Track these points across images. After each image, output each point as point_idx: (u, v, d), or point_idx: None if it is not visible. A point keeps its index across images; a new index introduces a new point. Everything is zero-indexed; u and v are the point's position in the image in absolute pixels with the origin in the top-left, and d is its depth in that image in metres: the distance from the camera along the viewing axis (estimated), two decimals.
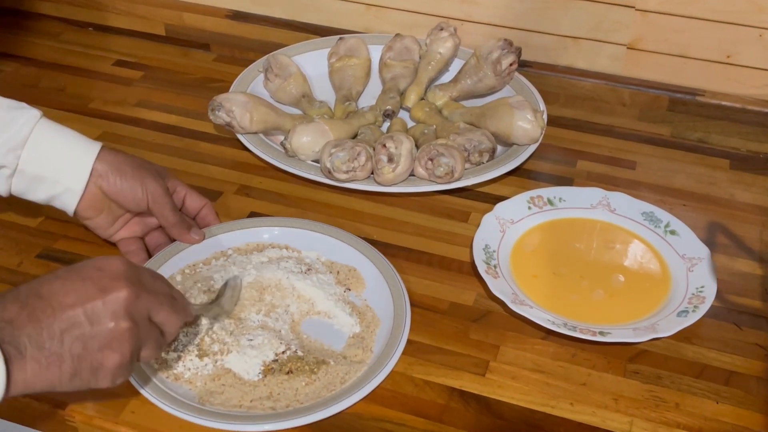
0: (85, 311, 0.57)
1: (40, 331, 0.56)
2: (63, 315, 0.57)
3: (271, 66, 1.06)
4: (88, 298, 0.58)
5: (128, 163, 0.79)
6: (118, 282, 0.59)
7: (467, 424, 0.69)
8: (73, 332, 0.57)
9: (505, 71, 1.03)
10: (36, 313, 0.56)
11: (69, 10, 1.26)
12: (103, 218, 0.80)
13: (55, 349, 0.57)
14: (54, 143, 0.76)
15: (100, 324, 0.58)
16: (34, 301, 0.57)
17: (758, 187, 0.97)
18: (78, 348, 0.57)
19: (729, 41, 1.01)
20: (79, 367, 0.58)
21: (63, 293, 0.58)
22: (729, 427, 0.69)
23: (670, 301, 0.80)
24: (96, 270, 0.59)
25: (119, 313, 0.58)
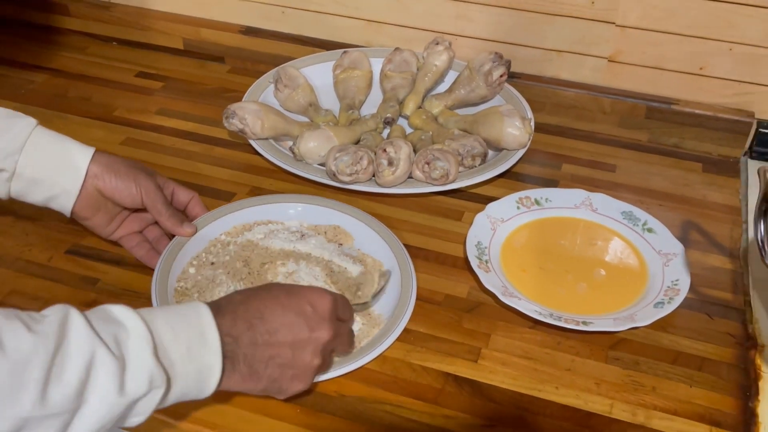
0: (292, 345, 0.62)
1: (254, 355, 0.60)
2: (275, 344, 0.61)
3: (281, 77, 1.06)
4: (299, 335, 0.62)
5: (120, 163, 0.79)
6: (324, 324, 0.63)
7: (461, 407, 0.69)
8: (277, 360, 0.61)
9: (495, 82, 1.03)
10: (256, 337, 0.60)
11: (95, 25, 1.26)
12: (100, 217, 0.80)
13: (259, 370, 0.61)
14: (50, 148, 0.76)
15: (300, 359, 0.62)
16: (258, 324, 0.61)
17: (729, 188, 0.97)
18: (276, 373, 0.62)
19: (702, 54, 1.00)
20: (271, 387, 0.62)
21: (280, 323, 0.61)
22: (702, 409, 0.69)
23: (648, 293, 0.80)
24: (309, 306, 0.63)
25: (317, 352, 0.63)
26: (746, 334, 0.76)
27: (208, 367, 0.57)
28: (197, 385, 0.57)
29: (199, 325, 0.57)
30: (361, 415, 0.68)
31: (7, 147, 0.73)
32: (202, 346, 0.57)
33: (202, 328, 0.57)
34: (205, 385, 0.58)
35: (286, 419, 0.67)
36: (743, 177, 0.99)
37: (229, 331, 0.59)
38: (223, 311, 0.60)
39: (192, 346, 0.56)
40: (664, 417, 0.68)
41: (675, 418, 0.68)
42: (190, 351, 0.56)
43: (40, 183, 0.75)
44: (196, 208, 0.86)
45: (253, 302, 0.62)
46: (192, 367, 0.56)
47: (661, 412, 0.69)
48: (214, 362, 0.57)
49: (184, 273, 0.80)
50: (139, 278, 0.81)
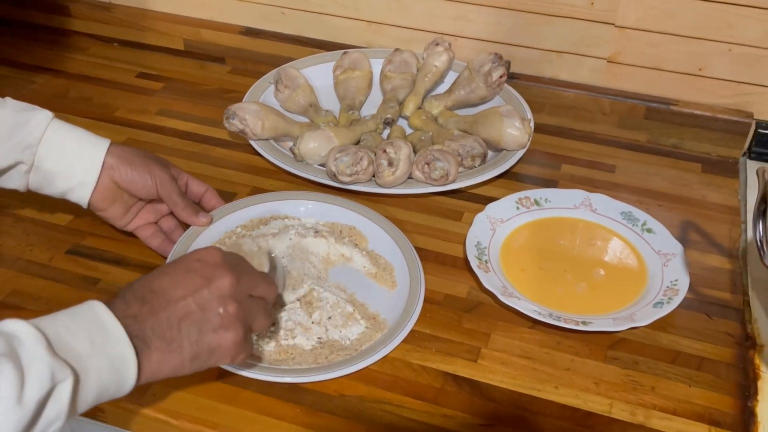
0: (195, 300, 0.59)
1: (160, 322, 0.58)
2: (177, 306, 0.59)
3: (281, 78, 1.06)
4: (197, 288, 0.60)
5: (135, 155, 0.80)
6: (220, 270, 0.61)
7: (460, 406, 0.69)
8: (188, 320, 0.59)
9: (495, 83, 1.03)
10: (154, 307, 0.58)
11: (96, 26, 1.26)
12: (116, 208, 0.81)
13: (175, 337, 0.58)
14: (67, 140, 0.77)
15: (210, 309, 0.60)
16: (150, 296, 0.59)
17: (728, 188, 0.97)
18: (195, 333, 0.59)
19: (701, 55, 1.01)
20: (198, 350, 0.59)
21: (173, 286, 0.59)
22: (701, 408, 0.69)
23: (647, 293, 0.80)
24: (197, 262, 0.61)
25: (225, 297, 0.60)
26: (745, 334, 0.76)
27: (120, 356, 0.55)
28: (115, 378, 0.55)
29: (96, 319, 0.55)
30: (360, 414, 0.68)
31: (25, 140, 0.74)
32: (105, 336, 0.55)
33: (100, 321, 0.55)
34: (125, 376, 0.55)
35: (286, 419, 0.67)
36: (742, 177, 0.99)
37: (125, 313, 0.57)
38: (114, 300, 0.58)
39: (95, 339, 0.54)
40: (663, 416, 0.68)
41: (674, 417, 0.68)
42: (94, 344, 0.54)
43: (57, 175, 0.76)
44: (212, 201, 0.87)
45: (139, 282, 0.60)
46: (103, 361, 0.54)
47: (661, 412, 0.69)
48: (125, 350, 0.55)
49: None
50: None
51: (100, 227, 0.87)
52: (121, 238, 0.86)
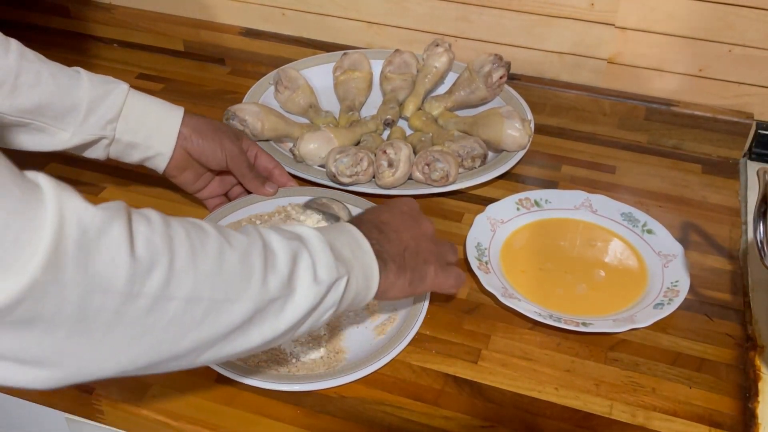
0: (412, 236, 0.69)
1: (392, 248, 0.67)
2: (401, 238, 0.68)
3: (281, 79, 1.06)
4: (410, 227, 0.70)
5: (208, 126, 0.82)
6: (423, 218, 0.73)
7: (461, 408, 0.69)
8: (408, 251, 0.68)
9: (495, 84, 1.03)
10: (388, 236, 0.67)
11: (96, 27, 1.26)
12: (187, 175, 0.84)
13: (400, 262, 0.67)
14: (144, 113, 0.79)
15: (420, 245, 0.70)
16: (383, 227, 0.68)
17: (728, 189, 0.97)
18: (412, 261, 0.68)
19: (701, 56, 1.01)
20: (414, 276, 0.68)
21: (396, 223, 0.69)
22: (701, 410, 0.69)
23: (647, 294, 0.80)
24: (406, 205, 0.73)
25: (428, 237, 0.71)
26: (745, 335, 0.76)
27: (370, 267, 0.63)
28: (365, 285, 0.63)
29: (352, 235, 0.64)
30: (360, 415, 0.68)
31: (106, 115, 0.77)
32: (359, 249, 0.63)
33: (355, 237, 0.64)
34: (370, 285, 0.63)
35: (285, 420, 0.67)
36: (742, 178, 0.99)
37: (369, 235, 0.65)
38: (358, 224, 0.66)
39: (354, 250, 0.62)
40: (663, 418, 0.68)
41: (674, 419, 0.68)
42: (354, 255, 0.62)
43: (136, 147, 0.79)
44: (281, 178, 0.89)
45: (370, 215, 0.69)
46: (359, 269, 0.62)
47: (661, 413, 0.69)
48: (373, 263, 0.63)
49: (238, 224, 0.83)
50: None
51: None
52: None
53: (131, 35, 1.24)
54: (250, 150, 0.87)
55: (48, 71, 0.75)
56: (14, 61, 0.73)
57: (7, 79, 0.72)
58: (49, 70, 0.75)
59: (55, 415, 0.73)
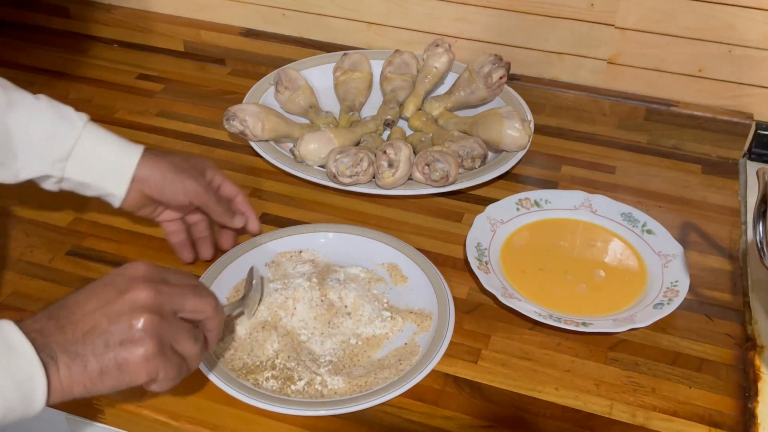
0: (104, 312, 0.56)
1: (66, 336, 0.55)
2: (84, 319, 0.56)
3: (281, 79, 1.06)
4: (108, 301, 0.57)
5: (168, 168, 0.77)
6: (136, 282, 0.57)
7: (461, 408, 0.69)
8: (94, 333, 0.55)
9: (495, 84, 1.03)
10: (61, 321, 0.56)
11: (96, 28, 1.26)
12: (146, 210, 0.80)
13: (80, 350, 0.55)
14: (97, 153, 0.75)
15: (119, 322, 0.56)
16: (60, 311, 0.56)
17: (728, 190, 0.97)
18: (100, 346, 0.55)
19: (701, 56, 1.01)
20: (104, 364, 0.55)
21: (85, 300, 0.57)
22: (701, 410, 0.69)
23: (647, 294, 0.80)
24: (117, 275, 0.58)
25: (137, 309, 0.56)
26: (745, 335, 0.76)
27: (27, 376, 0.52)
28: (21, 397, 0.53)
29: (3, 336, 0.53)
30: (361, 416, 0.68)
31: (55, 154, 0.74)
32: (11, 355, 0.52)
33: (6, 338, 0.53)
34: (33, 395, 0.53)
35: (285, 420, 0.67)
36: (742, 178, 0.99)
37: (31, 328, 0.54)
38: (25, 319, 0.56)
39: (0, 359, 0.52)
40: (663, 418, 0.68)
41: (674, 419, 0.68)
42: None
43: (87, 186, 0.76)
44: (240, 207, 0.84)
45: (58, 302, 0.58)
46: (7, 379, 0.52)
47: (661, 413, 0.69)
48: (32, 368, 0.53)
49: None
50: None
51: (100, 228, 0.88)
52: (121, 240, 0.86)
53: (131, 35, 1.24)
54: (215, 180, 0.82)
55: (4, 101, 0.72)
56: None
57: None
58: (6, 100, 0.73)
59: (55, 415, 0.73)
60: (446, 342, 0.73)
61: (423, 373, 0.70)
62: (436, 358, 0.71)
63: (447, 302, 0.77)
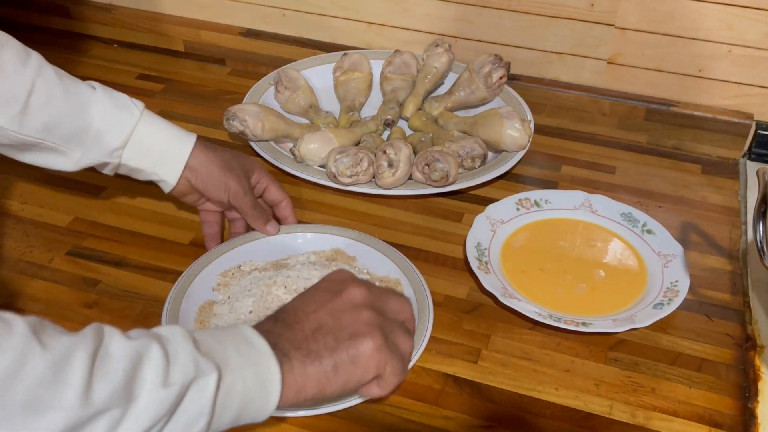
0: (327, 311, 0.58)
1: (295, 334, 0.56)
2: (309, 318, 0.57)
3: (281, 79, 1.06)
4: (327, 301, 0.59)
5: (216, 162, 0.80)
6: (349, 283, 0.60)
7: (461, 407, 0.69)
8: (322, 330, 0.57)
9: (495, 84, 1.03)
10: (287, 322, 0.57)
11: (96, 28, 1.26)
12: (190, 197, 0.83)
13: (312, 347, 0.56)
14: (153, 141, 0.78)
15: (343, 317, 0.58)
16: (283, 315, 0.58)
17: (728, 190, 0.97)
18: (331, 341, 0.56)
19: (701, 56, 1.01)
20: (338, 359, 0.56)
21: (304, 304, 0.59)
22: (701, 410, 0.69)
23: (647, 294, 0.80)
24: (326, 282, 0.61)
25: (357, 305, 0.59)
26: (745, 336, 0.76)
27: (263, 363, 0.53)
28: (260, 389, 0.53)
29: (239, 334, 0.55)
30: (360, 415, 0.68)
31: (114, 142, 0.76)
32: (251, 348, 0.54)
33: (243, 335, 0.54)
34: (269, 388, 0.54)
35: (285, 420, 0.67)
36: (742, 178, 0.99)
37: (260, 329, 0.56)
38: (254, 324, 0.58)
39: (241, 349, 0.53)
40: (663, 418, 0.68)
41: (674, 419, 0.68)
42: (240, 352, 0.53)
43: (141, 172, 0.79)
44: (284, 212, 0.86)
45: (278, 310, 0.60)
46: (248, 366, 0.53)
47: (661, 413, 0.69)
48: (269, 362, 0.53)
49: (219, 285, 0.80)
50: (141, 280, 0.81)
51: (100, 229, 0.88)
52: (122, 240, 0.86)
53: (131, 35, 1.25)
54: (261, 182, 0.84)
55: (61, 90, 0.73)
56: (29, 77, 0.72)
57: (20, 96, 0.71)
58: (63, 89, 0.74)
59: None
60: (426, 339, 0.72)
61: None
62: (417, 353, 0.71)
63: (421, 283, 0.77)
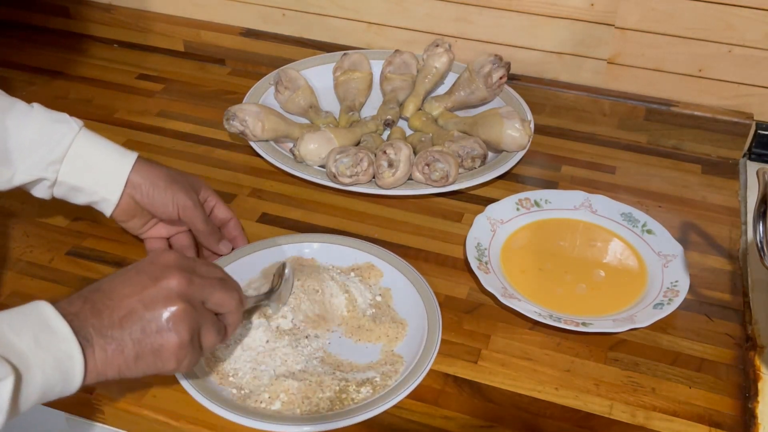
0: (140, 298, 0.58)
1: (102, 320, 0.57)
2: (121, 304, 0.57)
3: (281, 79, 1.06)
4: (143, 287, 0.58)
5: (161, 176, 0.78)
6: (170, 271, 0.59)
7: (461, 408, 0.69)
8: (131, 318, 0.57)
9: (495, 84, 1.03)
10: (97, 305, 0.57)
11: (95, 28, 1.26)
12: (135, 221, 0.80)
13: (117, 335, 0.57)
14: (91, 156, 0.76)
15: (155, 309, 0.58)
16: (95, 295, 0.58)
17: (728, 190, 0.97)
18: (137, 332, 0.57)
19: (701, 56, 1.01)
20: (141, 350, 0.57)
21: (120, 286, 0.59)
22: (701, 410, 0.69)
23: (647, 294, 0.80)
24: (149, 263, 0.60)
25: (172, 297, 0.58)
26: (745, 336, 0.76)
27: (66, 354, 0.54)
28: (61, 376, 0.54)
29: (40, 317, 0.55)
30: None
31: (49, 156, 0.74)
32: (50, 334, 0.54)
33: (44, 319, 0.54)
34: (71, 374, 0.55)
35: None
36: (742, 178, 0.99)
37: (66, 311, 0.56)
38: (59, 300, 0.57)
39: (39, 337, 0.53)
40: (663, 418, 0.68)
41: (674, 419, 0.68)
42: (38, 342, 0.53)
43: (81, 191, 0.76)
44: (233, 231, 0.83)
45: (90, 285, 0.60)
46: (48, 358, 0.53)
47: (661, 413, 0.69)
48: (71, 348, 0.54)
49: None
50: None
51: (100, 229, 0.88)
52: (121, 240, 0.86)
53: (131, 35, 1.25)
54: (208, 201, 0.82)
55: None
56: None
57: None
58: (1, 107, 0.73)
59: (55, 414, 0.73)
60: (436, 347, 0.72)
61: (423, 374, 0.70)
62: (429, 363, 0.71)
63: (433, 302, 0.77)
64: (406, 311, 0.77)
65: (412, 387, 0.68)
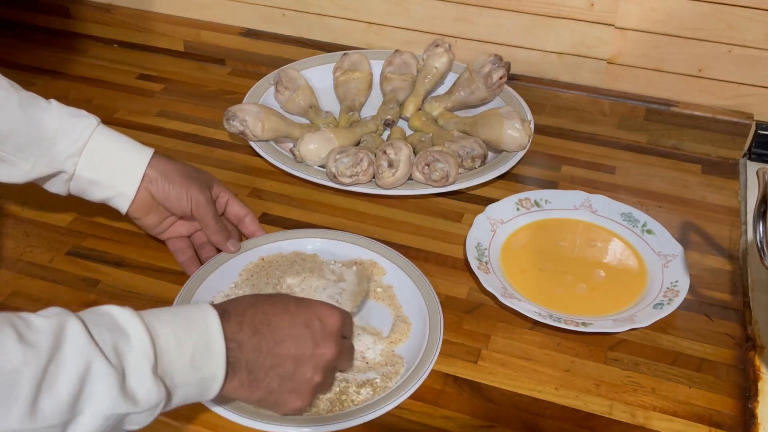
0: (296, 357, 0.60)
1: (257, 360, 0.59)
2: (279, 354, 0.60)
3: (281, 79, 1.06)
4: (304, 349, 0.61)
5: (176, 171, 0.79)
6: (329, 341, 0.62)
7: (461, 407, 0.69)
8: (277, 369, 0.60)
9: (495, 84, 1.03)
10: (261, 344, 0.59)
11: (96, 28, 1.26)
12: (151, 218, 0.80)
13: (260, 377, 0.59)
14: (109, 150, 0.76)
15: (302, 373, 0.61)
16: (264, 329, 0.60)
17: (728, 190, 0.97)
18: (275, 384, 0.60)
19: (701, 56, 1.01)
20: (268, 396, 0.60)
21: (286, 332, 0.60)
22: (701, 410, 0.69)
23: (647, 294, 0.80)
24: (318, 321, 0.62)
25: (319, 367, 0.61)
26: (745, 336, 0.76)
27: (211, 375, 0.56)
28: (199, 392, 0.57)
29: (206, 332, 0.56)
30: None
31: (68, 149, 0.74)
32: (207, 354, 0.56)
33: (208, 336, 0.56)
34: (207, 392, 0.57)
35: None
36: (742, 178, 0.99)
37: (234, 336, 0.58)
38: (230, 314, 0.59)
39: (196, 355, 0.55)
40: (663, 418, 0.68)
41: (674, 419, 0.68)
42: (193, 360, 0.55)
43: (98, 184, 0.76)
44: (251, 227, 0.84)
45: (261, 307, 0.61)
46: (195, 377, 0.55)
47: (661, 413, 0.69)
48: (218, 370, 0.56)
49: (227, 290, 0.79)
50: (141, 280, 0.81)
51: (100, 228, 0.88)
52: (121, 240, 0.86)
53: (131, 35, 1.25)
54: (221, 197, 0.83)
55: (16, 99, 0.73)
56: None
57: None
58: (18, 99, 0.73)
59: None
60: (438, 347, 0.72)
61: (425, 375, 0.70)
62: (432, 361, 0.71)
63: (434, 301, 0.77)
64: (408, 310, 0.77)
65: (412, 389, 0.68)
